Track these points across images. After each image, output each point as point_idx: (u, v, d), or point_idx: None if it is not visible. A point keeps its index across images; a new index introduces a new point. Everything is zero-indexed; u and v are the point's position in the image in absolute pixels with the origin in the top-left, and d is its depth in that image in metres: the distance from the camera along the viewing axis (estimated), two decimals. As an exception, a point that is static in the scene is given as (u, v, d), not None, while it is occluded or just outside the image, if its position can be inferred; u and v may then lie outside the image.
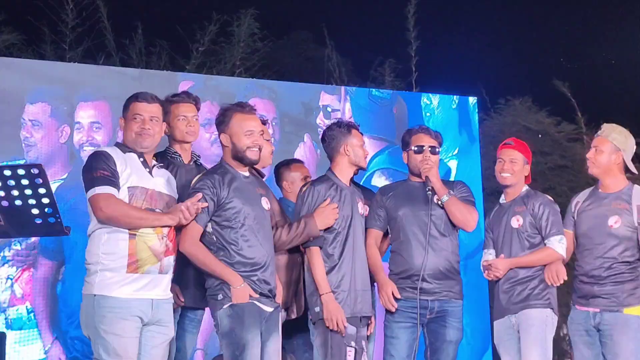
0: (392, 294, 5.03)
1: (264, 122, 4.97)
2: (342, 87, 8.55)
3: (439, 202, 5.09)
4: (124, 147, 4.42)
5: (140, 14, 9.45)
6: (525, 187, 5.34)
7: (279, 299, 4.69)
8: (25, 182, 3.77)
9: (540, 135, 10.25)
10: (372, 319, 5.12)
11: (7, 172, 3.76)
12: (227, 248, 4.46)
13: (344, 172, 5.07)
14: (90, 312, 4.17)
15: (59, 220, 3.91)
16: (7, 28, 8.58)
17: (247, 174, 4.64)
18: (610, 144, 5.22)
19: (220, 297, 4.45)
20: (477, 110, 8.98)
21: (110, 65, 8.54)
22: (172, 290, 4.47)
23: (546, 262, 5.15)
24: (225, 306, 4.43)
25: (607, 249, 5.15)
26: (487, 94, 10.53)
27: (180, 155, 4.95)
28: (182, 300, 4.68)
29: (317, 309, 4.85)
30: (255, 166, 4.89)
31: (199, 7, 10.02)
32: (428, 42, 9.92)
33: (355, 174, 5.16)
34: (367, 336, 5.10)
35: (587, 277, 5.17)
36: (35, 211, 3.86)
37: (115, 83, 7.28)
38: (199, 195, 4.41)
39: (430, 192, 5.08)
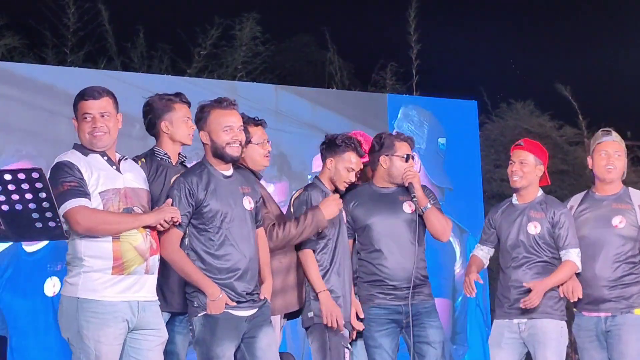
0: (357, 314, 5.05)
1: (257, 124, 4.91)
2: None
3: (421, 210, 5.09)
4: (83, 149, 4.20)
5: (142, 17, 9.46)
6: (541, 192, 5.27)
7: (268, 292, 4.57)
8: (25, 186, 3.76)
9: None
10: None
11: (8, 177, 3.76)
12: (200, 254, 4.35)
13: (327, 183, 5.09)
14: (73, 315, 4.05)
15: (59, 224, 3.90)
16: (8, 32, 8.59)
17: (228, 172, 4.49)
18: (624, 150, 5.26)
19: (195, 304, 4.35)
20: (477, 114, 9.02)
21: (111, 69, 8.55)
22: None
23: (570, 277, 5.09)
24: (199, 314, 4.34)
25: (614, 249, 5.11)
26: (488, 97, 10.54)
27: (170, 157, 4.79)
28: None
29: (310, 314, 4.86)
30: (252, 168, 4.87)
31: (201, 10, 10.04)
32: (430, 46, 9.93)
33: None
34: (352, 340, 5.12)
35: (595, 279, 5.10)
36: (35, 215, 3.86)
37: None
38: (169, 200, 4.28)
39: (415, 199, 5.07)
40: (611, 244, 5.12)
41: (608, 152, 5.19)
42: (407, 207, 5.13)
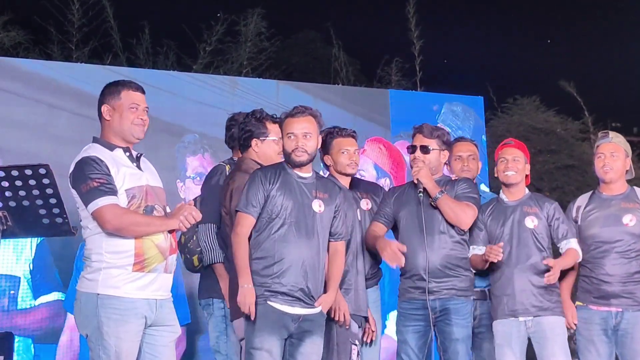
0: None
1: (275, 122, 4.96)
2: None
3: (432, 201, 5.08)
4: (107, 143, 4.15)
5: (147, 13, 9.46)
6: (527, 189, 5.31)
7: (325, 303, 4.59)
8: (32, 182, 3.76)
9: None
10: (373, 324, 5.12)
11: (15, 173, 3.76)
12: (257, 242, 4.49)
13: (337, 177, 5.15)
14: (92, 312, 4.01)
15: (66, 220, 3.89)
16: (13, 27, 8.59)
17: (305, 174, 4.65)
18: (623, 150, 5.32)
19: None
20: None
21: (117, 65, 8.54)
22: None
23: (574, 263, 5.16)
24: None
25: (625, 247, 5.16)
26: (494, 93, 10.53)
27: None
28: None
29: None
30: (263, 164, 4.87)
31: (206, 6, 10.04)
32: (435, 42, 9.91)
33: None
34: (369, 342, 5.12)
35: (608, 276, 5.13)
36: (42, 211, 3.85)
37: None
38: (191, 201, 4.39)
39: (422, 194, 5.07)
40: (622, 241, 5.17)
41: (604, 154, 5.30)
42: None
